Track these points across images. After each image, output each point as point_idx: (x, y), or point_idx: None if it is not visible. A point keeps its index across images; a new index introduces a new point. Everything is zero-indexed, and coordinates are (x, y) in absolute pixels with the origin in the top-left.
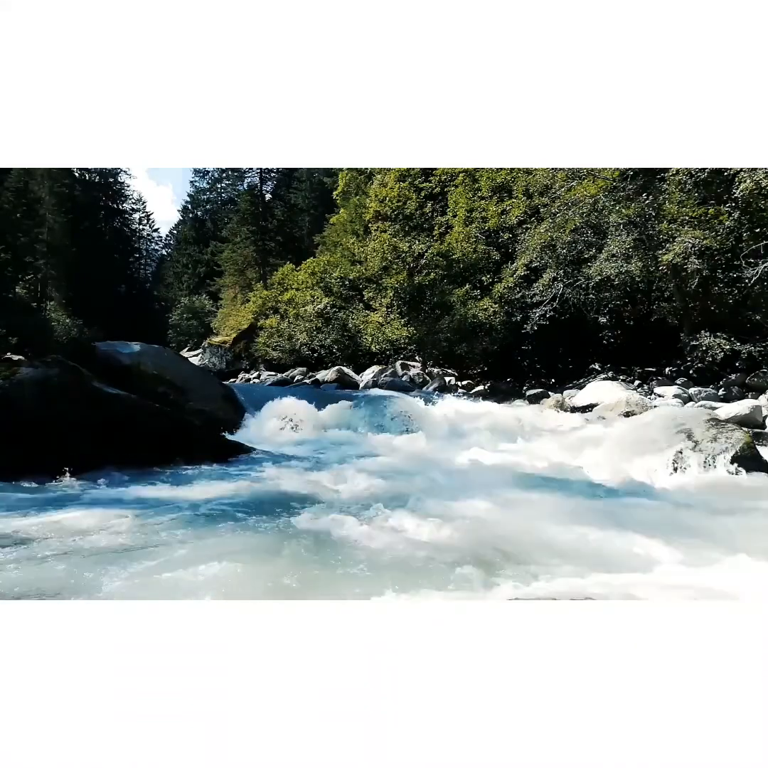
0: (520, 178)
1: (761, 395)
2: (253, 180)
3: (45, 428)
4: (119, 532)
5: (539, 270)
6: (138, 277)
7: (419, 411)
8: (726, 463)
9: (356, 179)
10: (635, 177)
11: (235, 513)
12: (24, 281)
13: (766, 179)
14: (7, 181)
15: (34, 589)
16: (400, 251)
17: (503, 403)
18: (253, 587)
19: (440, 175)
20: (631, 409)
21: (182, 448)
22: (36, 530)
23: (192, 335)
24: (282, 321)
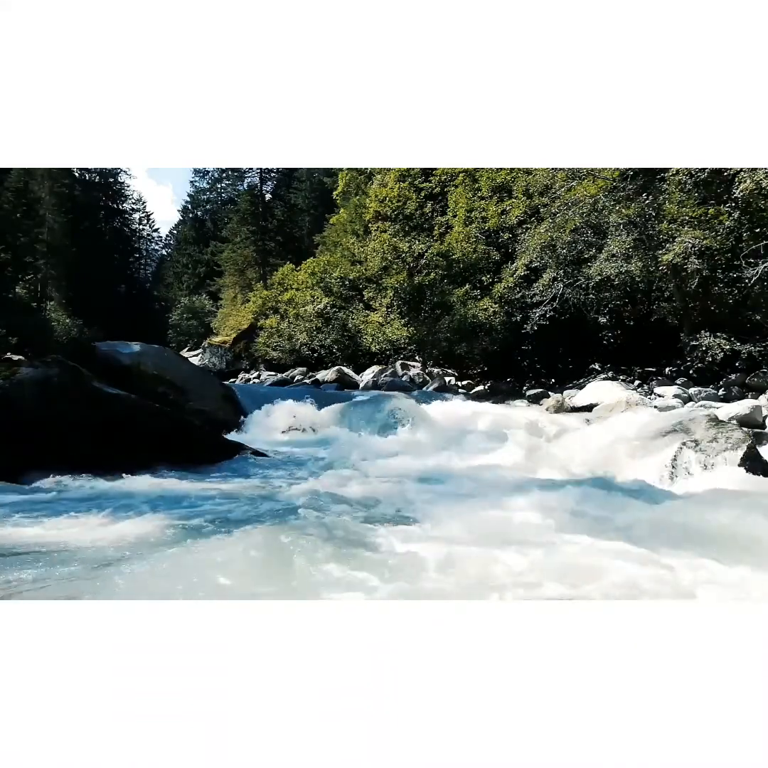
0: (520, 178)
1: (761, 395)
2: (253, 180)
3: (45, 428)
4: (122, 532)
5: (539, 270)
6: (138, 277)
7: (418, 411)
8: (726, 463)
9: (356, 179)
10: (635, 177)
11: (235, 513)
12: (24, 281)
13: (766, 179)
14: (7, 181)
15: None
16: (400, 251)
17: (502, 404)
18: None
19: (440, 175)
20: (631, 409)
21: (182, 448)
22: (37, 531)
23: (192, 335)
24: (282, 321)
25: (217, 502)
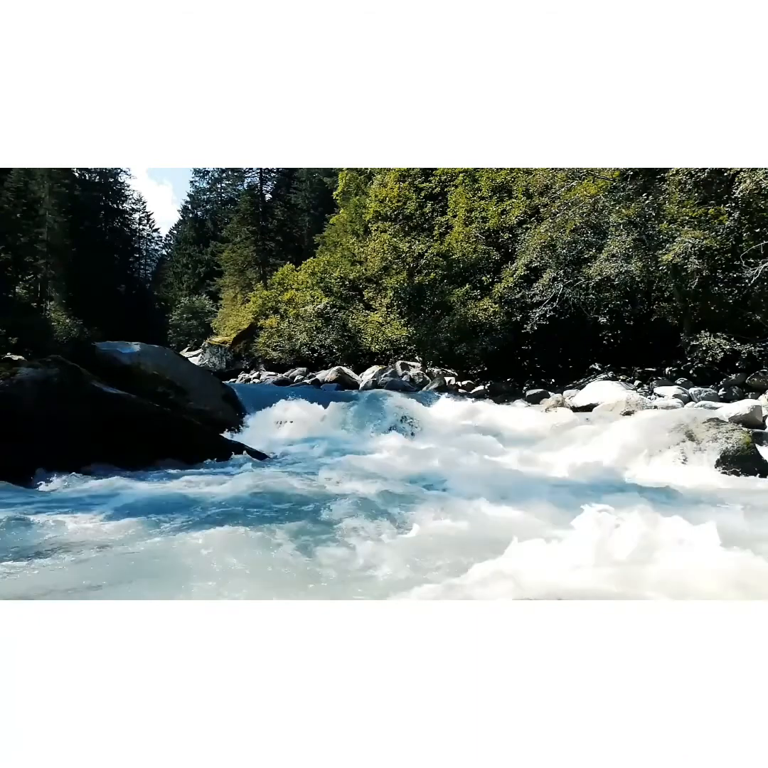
0: (520, 178)
1: (761, 395)
2: (253, 180)
3: (45, 428)
4: (124, 533)
5: (539, 270)
6: (138, 277)
7: (418, 411)
8: (726, 463)
9: (356, 179)
10: (635, 177)
11: (233, 512)
12: (24, 281)
13: (766, 179)
14: (7, 181)
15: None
16: (400, 251)
17: (502, 404)
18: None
19: (440, 175)
20: (631, 409)
21: (182, 448)
22: (37, 531)
23: (192, 335)
24: (282, 321)
25: (217, 503)
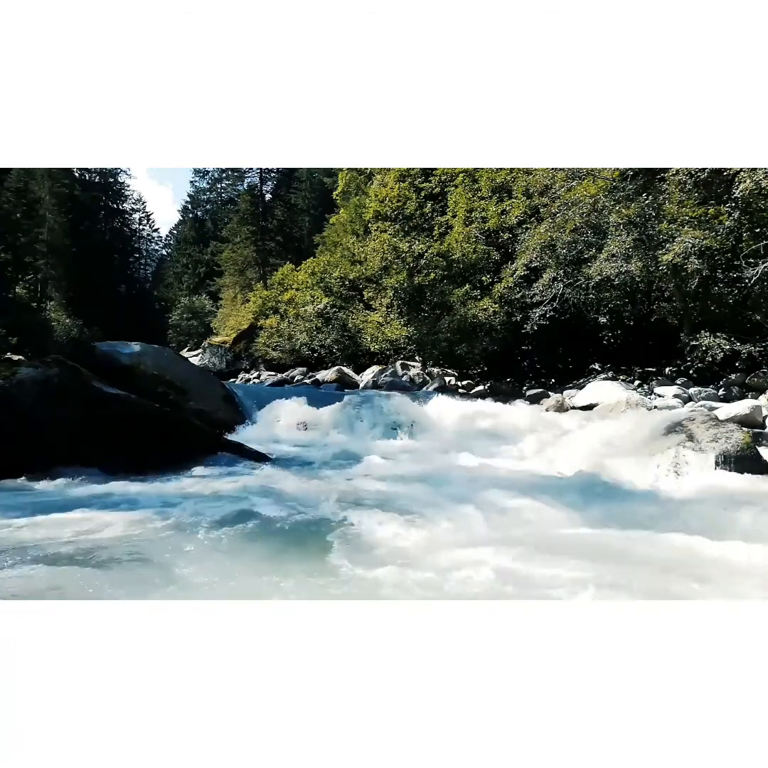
0: (520, 178)
1: (761, 395)
2: (253, 180)
3: (45, 428)
4: (126, 532)
5: (539, 270)
6: (138, 277)
7: (416, 411)
8: (726, 463)
9: (356, 179)
10: (635, 177)
11: (233, 512)
12: (24, 281)
13: (766, 179)
14: (7, 181)
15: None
16: (400, 251)
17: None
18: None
19: (440, 175)
20: (631, 409)
21: (182, 448)
22: (37, 531)
23: (192, 335)
24: (282, 321)
25: (217, 502)
